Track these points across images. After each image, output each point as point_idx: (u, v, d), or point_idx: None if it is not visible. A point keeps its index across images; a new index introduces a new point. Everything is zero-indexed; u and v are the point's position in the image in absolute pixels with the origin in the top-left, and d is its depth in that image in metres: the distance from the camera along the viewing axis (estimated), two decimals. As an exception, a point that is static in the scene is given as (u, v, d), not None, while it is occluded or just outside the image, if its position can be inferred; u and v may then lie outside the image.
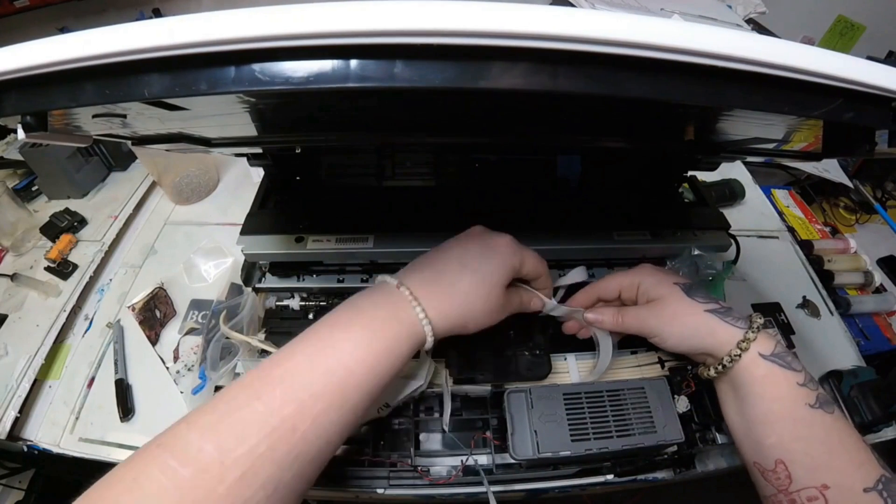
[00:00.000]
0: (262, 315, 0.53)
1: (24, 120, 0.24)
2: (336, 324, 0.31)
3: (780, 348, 0.35)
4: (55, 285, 0.64)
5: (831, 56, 0.20)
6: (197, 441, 0.25)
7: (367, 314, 0.32)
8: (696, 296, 0.39)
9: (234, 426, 0.26)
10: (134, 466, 0.25)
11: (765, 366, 0.35)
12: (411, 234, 0.50)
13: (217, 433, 0.26)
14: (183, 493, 0.24)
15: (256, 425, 0.26)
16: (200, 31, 0.18)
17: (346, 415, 0.29)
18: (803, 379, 0.34)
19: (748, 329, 0.36)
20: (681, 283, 0.40)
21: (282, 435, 0.26)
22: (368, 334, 0.30)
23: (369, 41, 0.18)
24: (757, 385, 0.35)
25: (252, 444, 0.25)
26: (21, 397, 0.53)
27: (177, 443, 0.26)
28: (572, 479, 0.45)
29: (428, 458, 0.43)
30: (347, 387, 0.29)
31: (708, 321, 0.37)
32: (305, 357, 0.29)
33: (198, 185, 0.76)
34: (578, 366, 0.46)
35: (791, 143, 0.38)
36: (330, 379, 0.28)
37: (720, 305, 0.38)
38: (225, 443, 0.25)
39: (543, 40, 0.18)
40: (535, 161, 0.57)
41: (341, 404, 0.28)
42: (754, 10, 0.97)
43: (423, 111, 0.34)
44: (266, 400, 0.27)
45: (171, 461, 0.25)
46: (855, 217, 0.87)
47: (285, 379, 0.28)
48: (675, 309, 0.39)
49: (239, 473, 0.25)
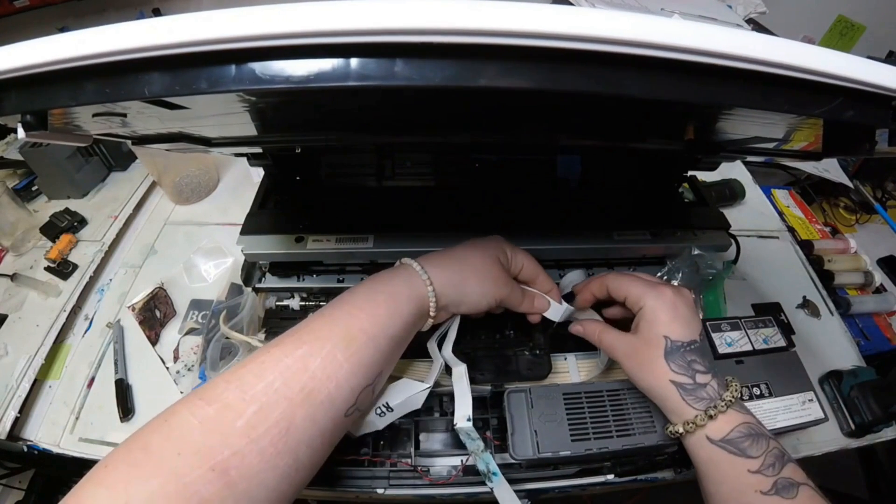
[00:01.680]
0: (262, 315, 0.53)
1: (25, 119, 0.24)
2: (363, 286, 0.36)
3: (736, 433, 0.34)
4: (55, 285, 0.64)
5: (832, 55, 0.20)
6: (223, 384, 0.29)
7: (380, 280, 0.37)
8: (673, 360, 0.36)
9: (254, 368, 0.30)
10: (167, 411, 0.28)
11: (709, 449, 0.34)
12: (411, 234, 0.50)
13: (240, 376, 0.29)
14: (206, 428, 0.27)
15: (272, 364, 0.30)
16: (200, 29, 0.18)
17: (351, 357, 0.31)
18: (758, 465, 0.33)
19: (705, 411, 0.34)
20: (672, 337, 0.37)
21: (294, 372, 0.29)
22: (376, 291, 0.35)
23: (369, 40, 0.18)
24: (701, 465, 0.35)
25: (269, 379, 0.29)
26: (21, 397, 0.53)
27: (207, 388, 0.29)
28: (572, 479, 0.45)
29: (428, 458, 0.43)
30: (352, 332, 0.32)
31: (666, 391, 0.36)
32: (321, 313, 0.34)
33: (198, 185, 0.76)
34: (579, 366, 0.46)
35: (791, 142, 0.38)
36: (337, 325, 0.32)
37: (692, 381, 0.36)
38: (246, 382, 0.29)
39: (543, 39, 0.18)
40: (535, 161, 0.57)
41: (346, 347, 0.31)
42: (754, 10, 0.97)
43: (424, 111, 0.34)
44: (282, 346, 0.31)
45: (199, 401, 0.28)
46: (855, 217, 0.87)
47: (301, 329, 0.32)
48: (647, 360, 0.37)
49: (256, 407, 0.28)
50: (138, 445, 0.27)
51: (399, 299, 0.35)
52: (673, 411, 0.36)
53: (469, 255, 0.40)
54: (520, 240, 0.45)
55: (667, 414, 0.37)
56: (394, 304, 0.35)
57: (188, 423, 0.27)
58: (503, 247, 0.42)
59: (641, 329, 0.38)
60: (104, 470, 0.26)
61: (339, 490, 0.42)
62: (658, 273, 0.52)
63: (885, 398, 0.51)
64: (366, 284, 0.37)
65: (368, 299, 0.35)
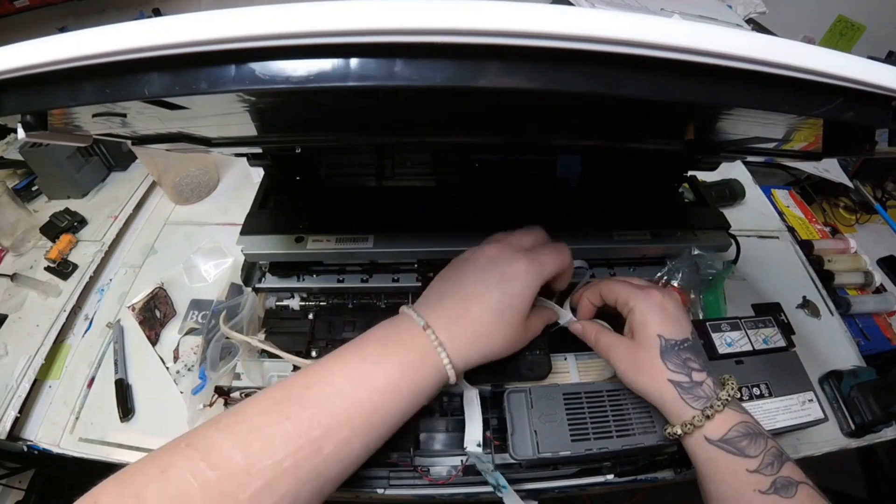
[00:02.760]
0: (262, 315, 0.53)
1: (24, 119, 0.24)
2: (367, 357, 0.33)
3: (734, 432, 0.34)
4: (55, 285, 0.64)
5: (832, 55, 0.20)
6: (227, 447, 0.27)
7: (396, 355, 0.33)
8: (669, 359, 0.36)
9: (263, 439, 0.27)
10: (163, 459, 0.27)
11: (708, 450, 0.34)
12: (411, 234, 0.49)
13: (247, 443, 0.27)
14: (207, 493, 0.25)
15: (284, 442, 0.28)
16: (200, 30, 0.18)
17: (369, 443, 0.31)
18: (757, 465, 0.33)
19: (702, 411, 0.34)
20: (665, 336, 0.37)
21: (307, 454, 0.28)
22: (398, 375, 0.32)
23: (369, 40, 0.18)
24: (700, 465, 0.35)
25: (279, 458, 0.27)
26: (21, 397, 0.53)
27: (208, 446, 0.27)
28: (572, 479, 0.45)
29: (428, 458, 0.43)
30: (374, 419, 0.31)
31: (664, 391, 0.36)
32: (336, 385, 0.31)
33: (198, 185, 0.76)
34: (581, 367, 0.46)
35: (791, 142, 0.38)
36: (358, 410, 0.30)
37: (688, 379, 0.36)
38: (253, 453, 0.27)
39: (543, 39, 0.18)
40: (535, 161, 0.57)
41: (365, 433, 0.30)
42: (754, 10, 0.97)
43: (424, 111, 0.34)
44: (296, 421, 0.28)
45: (201, 462, 0.26)
46: (855, 217, 0.87)
47: (315, 403, 0.30)
48: (644, 360, 0.37)
49: (262, 483, 0.26)
50: (132, 491, 0.26)
51: (421, 382, 0.33)
52: (671, 412, 0.36)
53: (494, 328, 0.36)
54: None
55: (665, 415, 0.37)
56: (416, 383, 0.33)
57: (187, 483, 0.25)
58: (530, 288, 0.36)
59: (635, 331, 0.38)
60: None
61: (338, 490, 0.41)
62: (658, 273, 0.52)
63: (885, 398, 0.51)
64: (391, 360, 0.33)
65: (392, 383, 0.32)
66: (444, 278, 0.39)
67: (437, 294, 0.38)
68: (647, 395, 0.37)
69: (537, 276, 0.37)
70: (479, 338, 0.35)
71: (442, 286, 0.38)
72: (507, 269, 0.36)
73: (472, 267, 0.38)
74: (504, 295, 0.36)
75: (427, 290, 0.39)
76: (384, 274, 0.52)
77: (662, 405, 0.36)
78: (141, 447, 0.50)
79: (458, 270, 0.39)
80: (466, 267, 0.38)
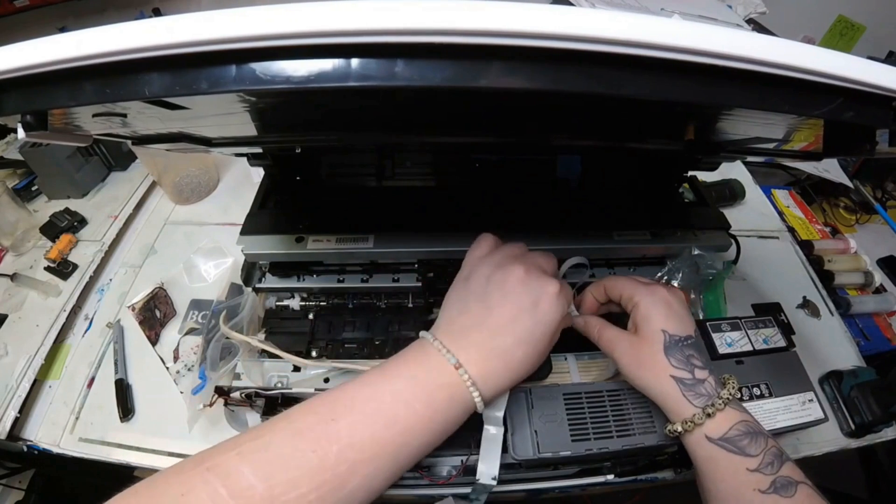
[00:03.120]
0: (262, 315, 0.53)
1: (25, 119, 0.24)
2: (398, 394, 0.31)
3: (734, 431, 0.34)
4: (55, 285, 0.64)
5: (832, 55, 0.20)
6: (249, 476, 0.26)
7: (427, 393, 0.32)
8: (672, 354, 0.36)
9: (287, 471, 0.27)
10: (181, 482, 0.26)
11: (708, 448, 0.34)
12: (411, 234, 0.50)
13: (270, 474, 0.27)
14: None
15: (309, 475, 0.27)
16: (201, 30, 0.18)
17: (395, 475, 0.31)
18: (757, 464, 0.33)
19: (703, 409, 0.34)
20: (670, 332, 0.36)
21: (332, 488, 0.27)
22: (428, 415, 0.31)
23: (370, 40, 0.18)
24: (700, 463, 0.35)
25: (303, 491, 0.26)
26: (21, 397, 0.53)
27: (229, 473, 0.26)
28: (572, 479, 0.45)
29: (428, 457, 0.43)
30: (400, 454, 0.30)
31: (667, 387, 0.36)
32: (364, 420, 0.30)
33: (198, 185, 0.76)
34: (582, 367, 0.46)
35: (791, 142, 0.38)
36: (386, 448, 0.30)
37: (691, 376, 0.35)
38: (276, 485, 0.26)
39: (544, 39, 0.18)
40: (535, 161, 0.57)
41: (391, 467, 0.30)
42: (754, 10, 0.97)
43: (424, 111, 0.34)
44: (321, 454, 0.28)
45: (221, 489, 0.25)
46: (855, 217, 0.87)
47: (342, 438, 0.29)
48: (647, 356, 0.36)
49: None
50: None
51: (450, 418, 0.32)
52: (672, 409, 0.36)
53: (526, 359, 0.34)
54: (520, 240, 0.45)
55: (666, 413, 0.37)
56: (445, 420, 0.32)
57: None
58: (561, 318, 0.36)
59: (639, 326, 0.38)
60: None
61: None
62: (658, 273, 0.52)
63: (885, 398, 0.51)
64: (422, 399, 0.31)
65: (420, 419, 0.31)
66: (465, 298, 0.36)
67: (462, 319, 0.35)
68: (648, 391, 0.37)
69: (564, 301, 0.36)
70: (511, 370, 0.34)
71: (467, 310, 0.35)
72: (540, 296, 0.34)
73: (498, 291, 0.35)
74: (538, 324, 0.34)
75: (447, 305, 0.37)
76: (384, 274, 0.52)
77: (664, 402, 0.36)
78: (141, 447, 0.50)
79: (481, 292, 0.35)
80: (491, 289, 0.35)
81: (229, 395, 0.42)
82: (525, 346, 0.34)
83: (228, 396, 0.42)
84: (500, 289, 0.35)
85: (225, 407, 0.43)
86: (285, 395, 0.41)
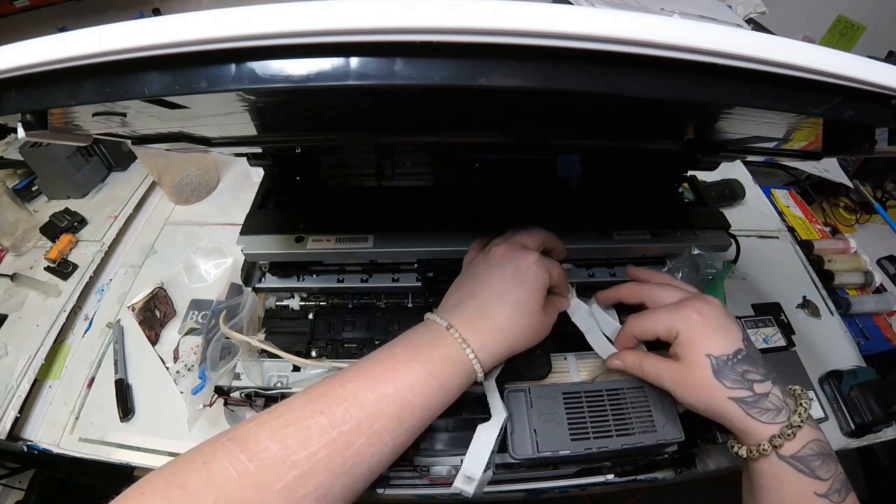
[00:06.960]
0: (262, 315, 0.53)
1: (24, 118, 0.24)
2: (397, 357, 0.34)
3: (808, 450, 0.32)
4: (55, 285, 0.64)
5: (831, 54, 0.20)
6: (265, 440, 0.28)
7: (424, 353, 0.34)
8: (724, 377, 0.34)
9: (298, 432, 0.29)
10: (205, 453, 0.29)
11: (776, 465, 0.32)
12: (411, 234, 0.50)
13: (283, 437, 0.29)
14: (245, 483, 0.27)
15: (318, 434, 0.29)
16: (200, 29, 0.18)
17: (398, 437, 0.32)
18: (826, 489, 0.31)
19: (780, 433, 0.32)
20: (715, 354, 0.34)
21: (339, 446, 0.29)
22: (425, 371, 0.33)
23: (369, 39, 0.18)
24: (762, 479, 0.33)
25: (313, 449, 0.28)
26: (21, 397, 0.53)
27: (247, 439, 0.29)
28: (572, 479, 0.45)
29: (428, 457, 0.43)
30: (403, 413, 0.32)
31: (728, 410, 0.34)
32: (368, 382, 0.32)
33: (198, 185, 0.76)
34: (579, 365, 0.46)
35: (791, 141, 0.38)
36: (388, 405, 0.31)
37: (751, 392, 0.33)
38: (289, 445, 0.28)
39: (544, 38, 0.18)
40: (535, 161, 0.57)
41: (395, 427, 0.31)
42: (754, 10, 0.98)
43: (423, 110, 0.34)
44: (329, 415, 0.30)
45: (240, 454, 0.28)
46: (855, 217, 0.87)
47: (348, 398, 0.31)
48: (699, 383, 0.35)
49: (297, 473, 0.28)
50: (177, 482, 0.27)
51: (448, 378, 0.34)
52: (740, 430, 0.34)
53: (515, 319, 0.37)
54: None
55: (735, 433, 0.35)
56: (443, 380, 0.34)
57: (227, 473, 0.27)
58: (541, 280, 0.38)
59: (682, 354, 0.36)
60: (141, 497, 0.26)
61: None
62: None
63: (885, 398, 0.51)
64: (419, 359, 0.34)
65: (420, 379, 0.33)
66: (459, 284, 0.41)
67: (455, 297, 0.39)
68: (710, 415, 0.35)
69: (544, 268, 0.39)
70: (502, 331, 0.36)
71: (459, 290, 0.40)
72: (520, 264, 0.38)
73: (484, 267, 0.39)
74: (519, 286, 0.37)
75: (445, 297, 0.40)
76: (384, 274, 0.52)
77: (730, 424, 0.34)
78: (141, 447, 0.50)
79: (472, 273, 0.40)
80: (479, 268, 0.40)
81: (229, 394, 0.42)
82: (512, 307, 0.37)
83: (228, 396, 0.42)
84: (485, 266, 0.39)
85: (225, 407, 0.43)
86: (285, 394, 0.41)
